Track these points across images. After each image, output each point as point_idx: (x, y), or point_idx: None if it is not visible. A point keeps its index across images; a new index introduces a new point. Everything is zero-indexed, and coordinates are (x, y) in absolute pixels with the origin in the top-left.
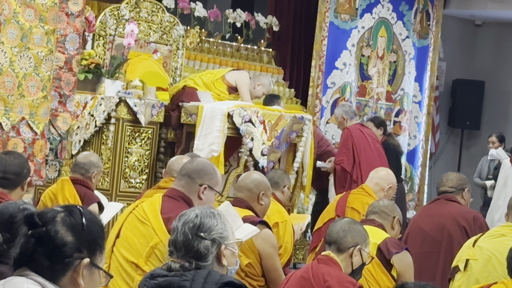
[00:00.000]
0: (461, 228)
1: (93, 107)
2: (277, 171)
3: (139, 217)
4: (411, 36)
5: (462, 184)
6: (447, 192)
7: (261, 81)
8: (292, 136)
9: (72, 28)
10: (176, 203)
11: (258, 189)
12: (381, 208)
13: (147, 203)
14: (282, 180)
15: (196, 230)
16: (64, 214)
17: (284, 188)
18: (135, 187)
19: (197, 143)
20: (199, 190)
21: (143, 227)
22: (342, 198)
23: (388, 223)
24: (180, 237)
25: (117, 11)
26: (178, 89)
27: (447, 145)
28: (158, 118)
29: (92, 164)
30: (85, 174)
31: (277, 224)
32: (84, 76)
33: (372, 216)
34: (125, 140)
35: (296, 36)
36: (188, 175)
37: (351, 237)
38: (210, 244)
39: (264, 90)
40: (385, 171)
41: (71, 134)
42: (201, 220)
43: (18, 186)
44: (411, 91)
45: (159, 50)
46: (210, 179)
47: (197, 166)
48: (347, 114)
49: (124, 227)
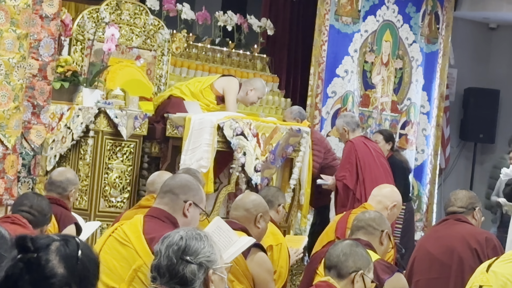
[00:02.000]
0: (472, 250)
1: (70, 119)
2: (270, 188)
3: (119, 239)
4: (418, 41)
5: (473, 203)
6: (456, 213)
7: (254, 85)
8: (289, 150)
9: (47, 32)
10: (159, 223)
11: (257, 211)
12: (368, 222)
13: (128, 225)
14: (276, 198)
15: (181, 254)
16: (60, 243)
17: (279, 207)
18: (116, 207)
19: (184, 158)
20: (184, 207)
21: (124, 250)
22: (342, 218)
23: (375, 239)
24: (163, 261)
25: (97, 14)
26: (163, 98)
27: (459, 160)
28: (141, 131)
29: (69, 181)
30: (62, 193)
31: (272, 247)
32: (60, 85)
33: (357, 234)
34: (105, 155)
35: (293, 41)
36: (171, 191)
37: (353, 261)
38: (196, 269)
39: (259, 94)
40: (390, 188)
41: (46, 148)
42: (186, 243)
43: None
44: (418, 101)
45: (142, 56)
46: (195, 195)
47: (181, 182)
48: (348, 125)
49: (103, 251)
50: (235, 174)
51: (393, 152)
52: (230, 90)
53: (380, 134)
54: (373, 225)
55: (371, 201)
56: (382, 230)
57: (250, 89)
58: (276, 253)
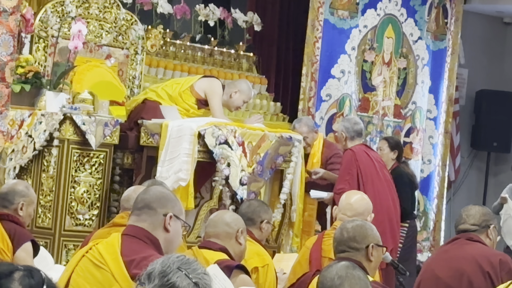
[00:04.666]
0: (484, 274)
1: (31, 126)
2: (251, 203)
3: (94, 261)
4: (424, 37)
5: (487, 220)
6: (468, 231)
7: (238, 87)
8: (278, 160)
9: (5, 28)
10: (139, 244)
11: (237, 225)
12: (348, 244)
13: (103, 244)
14: (257, 214)
15: (181, 265)
16: (23, 273)
17: (262, 224)
18: (83, 225)
19: (161, 170)
20: (165, 221)
21: (99, 273)
22: (315, 245)
23: (362, 257)
24: (158, 267)
25: (61, 7)
26: (137, 103)
27: (470, 172)
28: (112, 139)
29: (16, 193)
30: (8, 206)
31: (257, 269)
32: (20, 88)
33: (341, 256)
34: (71, 167)
35: (283, 38)
36: (147, 206)
37: (349, 286)
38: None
39: (244, 97)
40: (360, 195)
41: (4, 159)
42: (189, 260)
43: None
44: (424, 105)
45: (113, 55)
46: (174, 206)
47: (155, 194)
48: (347, 132)
49: (75, 274)
50: (218, 188)
51: (400, 164)
52: (214, 94)
53: (386, 141)
54: (355, 245)
55: (342, 219)
56: (367, 245)
57: (234, 92)
58: (262, 276)
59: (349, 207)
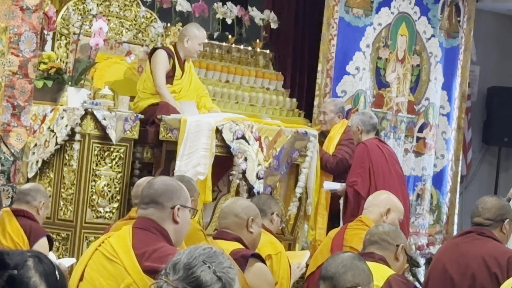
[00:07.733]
0: (491, 275)
1: (54, 121)
2: (261, 196)
3: (106, 254)
4: (437, 35)
5: (502, 214)
6: (482, 225)
7: (187, 34)
8: (294, 155)
9: (28, 25)
10: (149, 236)
11: (247, 214)
12: (381, 236)
13: (115, 238)
14: (268, 206)
15: (206, 258)
16: (33, 260)
17: (273, 215)
18: (104, 218)
19: (179, 164)
20: (173, 214)
21: (111, 266)
22: (338, 234)
23: (390, 254)
24: (184, 259)
25: (83, 5)
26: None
27: (481, 166)
28: (132, 134)
29: (39, 191)
30: (31, 202)
31: (270, 256)
32: (42, 83)
33: (370, 248)
34: (92, 161)
35: (299, 35)
36: (153, 201)
37: (352, 276)
38: (215, 280)
39: (198, 40)
40: (386, 195)
41: (27, 153)
42: (215, 253)
43: None
44: (438, 101)
45: (133, 51)
46: (179, 196)
47: (160, 188)
48: (363, 125)
49: (89, 267)
50: (235, 182)
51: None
52: (154, 64)
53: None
54: (388, 239)
55: (366, 214)
56: (398, 244)
57: (186, 40)
58: (276, 263)
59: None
